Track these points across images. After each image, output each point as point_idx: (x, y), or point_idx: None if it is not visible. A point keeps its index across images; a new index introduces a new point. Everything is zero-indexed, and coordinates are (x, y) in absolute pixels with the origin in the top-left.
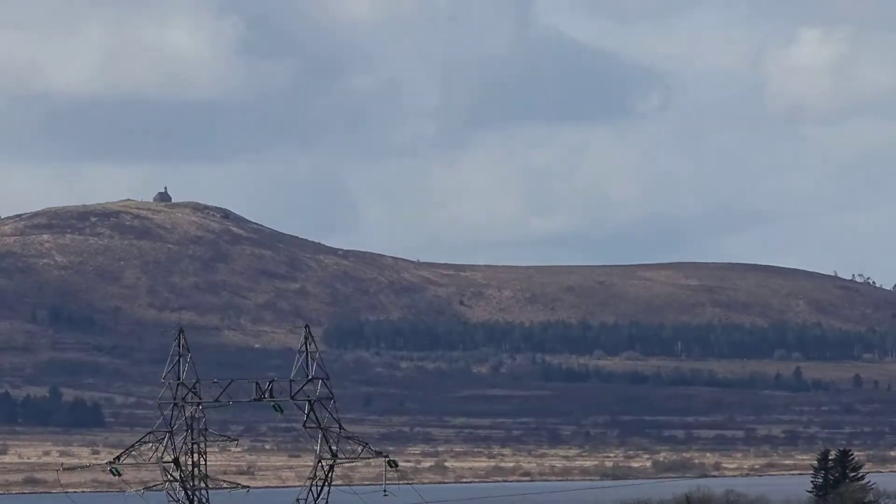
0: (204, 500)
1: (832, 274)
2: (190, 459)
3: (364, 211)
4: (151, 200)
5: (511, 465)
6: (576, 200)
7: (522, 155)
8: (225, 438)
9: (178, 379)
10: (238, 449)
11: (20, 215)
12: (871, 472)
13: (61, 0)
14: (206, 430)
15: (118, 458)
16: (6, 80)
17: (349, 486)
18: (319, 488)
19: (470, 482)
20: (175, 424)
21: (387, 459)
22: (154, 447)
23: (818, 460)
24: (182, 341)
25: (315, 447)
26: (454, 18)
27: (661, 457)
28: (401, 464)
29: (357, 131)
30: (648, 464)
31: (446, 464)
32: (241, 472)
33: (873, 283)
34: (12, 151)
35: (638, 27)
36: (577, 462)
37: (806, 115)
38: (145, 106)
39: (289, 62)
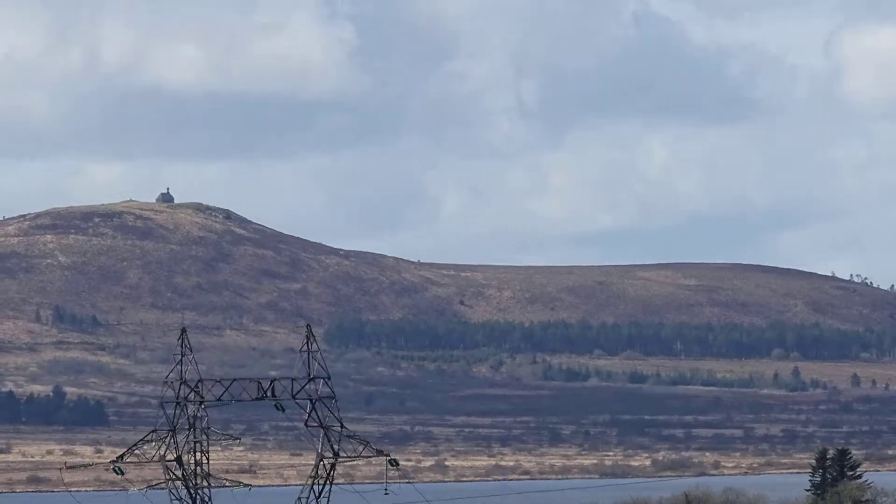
0: (206, 499)
1: (830, 274)
2: (192, 458)
3: (440, 206)
4: (154, 201)
5: (511, 463)
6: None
7: (603, 151)
8: (227, 437)
9: (181, 378)
10: (240, 448)
11: (24, 216)
12: (869, 471)
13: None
14: (208, 428)
15: (121, 456)
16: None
17: (350, 484)
18: (321, 487)
19: (470, 481)
20: (177, 423)
21: (388, 458)
22: (157, 446)
23: (816, 459)
24: (185, 341)
25: (317, 446)
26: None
27: (660, 456)
28: (402, 462)
29: (442, 129)
30: (648, 462)
31: (447, 462)
32: (244, 471)
33: (871, 283)
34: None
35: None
36: (576, 461)
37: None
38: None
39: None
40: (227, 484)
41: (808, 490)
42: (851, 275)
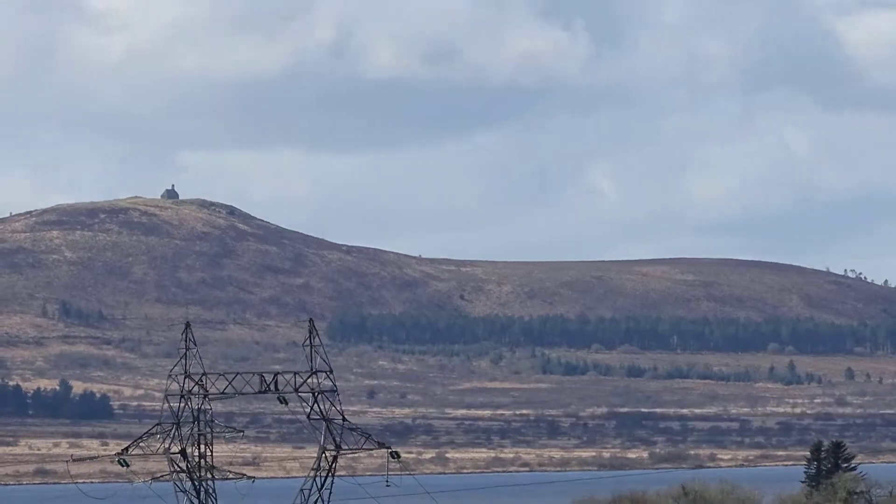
0: (210, 491)
1: (824, 269)
2: (196, 450)
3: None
4: (159, 197)
5: (510, 456)
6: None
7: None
8: (231, 430)
9: (185, 372)
10: (244, 440)
11: (31, 212)
12: (863, 463)
13: None
14: (212, 421)
15: (126, 449)
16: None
17: (352, 476)
18: (323, 479)
19: (470, 473)
20: (182, 416)
21: (389, 451)
22: (161, 438)
23: (811, 451)
24: (189, 335)
25: (319, 438)
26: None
27: (657, 448)
28: (403, 455)
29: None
30: (645, 455)
31: (447, 455)
32: (247, 463)
33: (864, 278)
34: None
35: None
36: (575, 453)
37: None
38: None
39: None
40: (231, 476)
41: (803, 482)
42: (845, 270)
